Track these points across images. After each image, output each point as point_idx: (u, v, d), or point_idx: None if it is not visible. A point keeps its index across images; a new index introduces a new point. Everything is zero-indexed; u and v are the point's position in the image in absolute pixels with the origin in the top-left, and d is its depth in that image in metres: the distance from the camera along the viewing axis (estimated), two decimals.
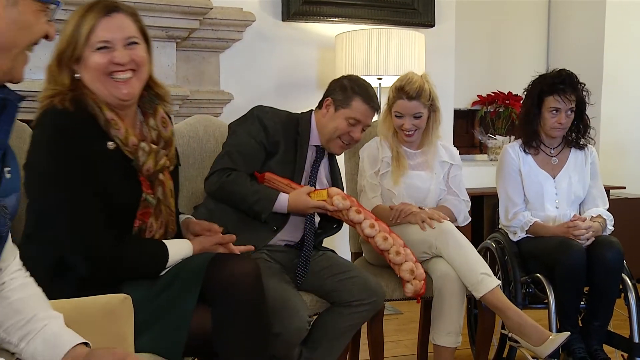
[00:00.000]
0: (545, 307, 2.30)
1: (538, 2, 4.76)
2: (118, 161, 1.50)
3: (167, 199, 1.60)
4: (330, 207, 1.99)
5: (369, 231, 2.02)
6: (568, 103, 2.41)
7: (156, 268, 1.51)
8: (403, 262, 2.03)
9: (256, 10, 3.36)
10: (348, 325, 2.02)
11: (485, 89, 4.50)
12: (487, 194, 3.82)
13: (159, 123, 1.61)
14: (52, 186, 1.43)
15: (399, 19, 3.73)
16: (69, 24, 1.49)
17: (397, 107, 2.32)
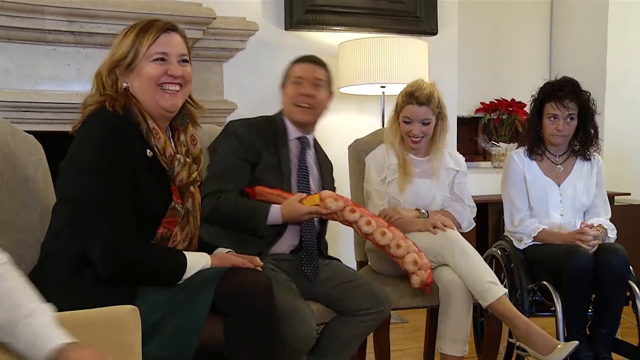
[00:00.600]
0: (552, 315, 2.29)
1: (540, 9, 4.76)
2: (153, 168, 1.55)
3: (195, 211, 1.66)
4: (324, 211, 1.97)
5: (366, 229, 1.99)
6: (565, 110, 2.41)
7: (174, 275, 1.52)
8: (405, 254, 1.99)
9: (259, 20, 3.37)
10: (355, 334, 2.01)
11: (488, 96, 4.50)
12: (491, 201, 3.82)
13: (189, 140, 1.69)
14: (95, 179, 1.46)
15: (401, 27, 3.74)
16: (127, 37, 1.57)
17: (406, 112, 2.33)
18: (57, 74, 2.84)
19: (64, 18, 2.77)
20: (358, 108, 3.72)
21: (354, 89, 3.46)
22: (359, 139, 2.66)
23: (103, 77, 1.58)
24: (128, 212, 1.47)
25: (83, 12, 2.78)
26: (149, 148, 1.55)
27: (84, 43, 2.87)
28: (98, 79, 1.59)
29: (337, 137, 3.54)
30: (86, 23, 2.80)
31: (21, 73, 2.82)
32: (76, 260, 1.48)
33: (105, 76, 1.58)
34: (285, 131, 2.16)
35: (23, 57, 2.81)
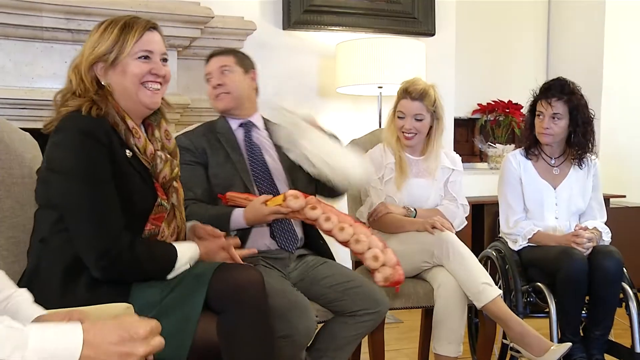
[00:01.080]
0: (546, 316, 2.30)
1: (538, 11, 4.78)
2: (135, 168, 1.55)
3: (180, 206, 1.67)
4: (284, 210, 1.90)
5: (326, 225, 1.89)
6: (549, 108, 2.41)
7: (166, 268, 1.53)
8: (365, 250, 1.89)
9: (257, 19, 3.37)
10: (353, 335, 2.01)
11: (485, 98, 4.51)
12: (487, 202, 3.83)
13: (163, 135, 1.68)
14: (76, 184, 1.45)
15: (399, 28, 3.75)
16: (109, 32, 1.56)
17: (399, 107, 2.37)
18: (55, 71, 2.84)
19: (62, 15, 2.77)
20: (355, 108, 3.73)
21: (351, 89, 3.47)
22: (356, 139, 2.66)
23: (82, 72, 1.55)
24: (116, 213, 1.47)
25: (81, 9, 2.78)
26: (128, 148, 1.55)
27: (82, 41, 2.82)
28: (76, 73, 1.56)
29: None
30: (84, 21, 2.80)
31: (18, 70, 2.81)
32: (67, 267, 1.47)
33: (85, 71, 1.55)
34: (227, 123, 2.18)
35: (20, 55, 2.80)
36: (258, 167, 2.13)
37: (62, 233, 1.49)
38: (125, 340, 0.97)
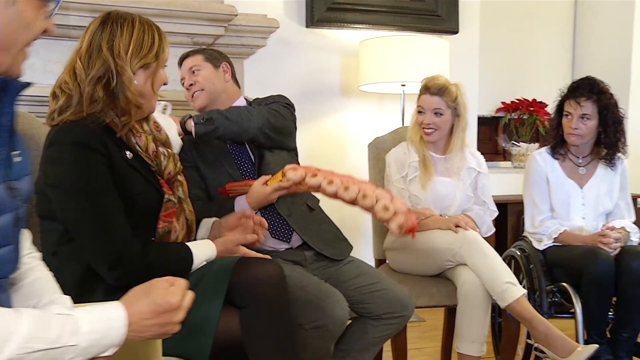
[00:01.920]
0: (571, 317, 2.28)
1: (563, 8, 4.71)
2: (137, 168, 1.54)
3: (186, 198, 1.68)
4: (285, 183, 1.86)
5: (330, 189, 1.84)
6: (578, 108, 2.38)
7: (182, 272, 1.52)
8: (374, 203, 1.84)
9: (280, 17, 3.38)
10: (377, 337, 2.00)
11: (509, 96, 4.47)
12: (510, 201, 3.79)
13: (153, 127, 1.67)
14: (76, 199, 1.44)
15: (422, 26, 3.72)
16: (150, 32, 1.56)
17: (420, 102, 2.38)
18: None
19: (88, 14, 2.80)
20: (378, 106, 3.72)
21: (374, 87, 3.46)
22: (379, 137, 2.66)
23: (124, 58, 1.50)
24: (120, 221, 1.46)
25: (107, 8, 2.79)
26: (129, 149, 1.54)
27: None
28: (94, 84, 1.50)
29: (356, 135, 3.56)
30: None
31: (46, 68, 2.85)
32: (81, 277, 1.47)
33: (127, 58, 1.51)
34: None
35: (48, 53, 2.85)
36: (241, 155, 2.12)
37: (71, 243, 1.49)
38: (160, 313, 1.05)
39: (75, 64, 1.52)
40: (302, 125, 2.28)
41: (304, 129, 3.43)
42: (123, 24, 1.53)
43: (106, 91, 1.50)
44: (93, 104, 1.49)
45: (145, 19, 1.58)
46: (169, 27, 2.78)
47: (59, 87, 1.54)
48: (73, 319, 0.96)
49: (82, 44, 1.54)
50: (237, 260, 1.52)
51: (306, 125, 3.47)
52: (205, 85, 2.15)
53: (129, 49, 1.52)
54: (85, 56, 1.52)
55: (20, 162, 1.10)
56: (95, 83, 1.49)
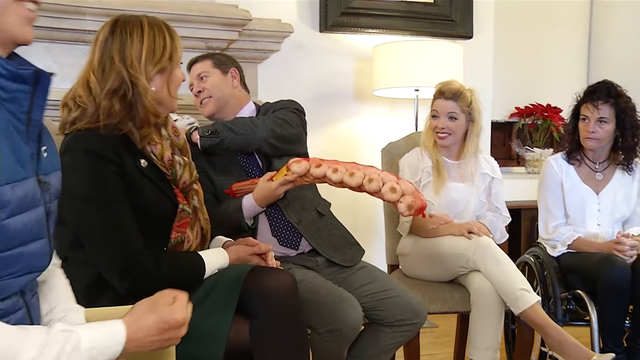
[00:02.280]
0: (586, 325, 2.26)
1: (579, 12, 4.68)
2: (151, 176, 1.53)
3: (202, 207, 1.66)
4: (291, 177, 1.88)
5: (336, 177, 1.84)
6: (596, 112, 2.37)
7: (194, 282, 1.53)
8: (381, 186, 1.83)
9: (294, 22, 3.39)
10: (389, 344, 1.99)
11: (523, 101, 4.45)
12: (524, 207, 3.77)
13: (171, 132, 1.65)
14: (88, 208, 1.44)
15: (436, 31, 3.72)
16: (161, 34, 1.53)
17: (434, 107, 2.38)
18: None
19: (104, 19, 2.81)
20: (391, 111, 3.71)
21: (388, 92, 3.45)
22: (392, 143, 2.65)
23: (137, 68, 1.48)
24: (132, 232, 1.45)
25: (122, 13, 2.83)
26: (143, 157, 1.52)
27: None
28: (129, 68, 1.48)
29: (370, 140, 3.55)
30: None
31: (63, 73, 2.88)
32: (90, 284, 1.47)
33: (141, 66, 1.49)
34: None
35: (65, 57, 2.87)
36: (250, 163, 2.13)
37: (82, 250, 1.49)
38: (166, 330, 1.07)
39: (89, 78, 1.50)
40: (315, 130, 2.30)
41: (318, 134, 3.44)
42: (132, 30, 1.51)
43: (123, 103, 1.48)
44: (110, 117, 1.47)
45: (154, 20, 1.56)
46: (183, 31, 2.79)
47: (72, 99, 1.51)
48: (75, 336, 0.98)
49: (93, 55, 1.53)
50: (249, 269, 1.52)
51: (319, 130, 3.47)
52: (214, 92, 2.16)
53: (142, 57, 1.49)
54: (98, 69, 1.50)
55: (49, 157, 1.10)
56: (112, 96, 1.47)
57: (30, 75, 0.99)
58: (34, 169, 1.03)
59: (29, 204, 1.00)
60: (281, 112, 2.11)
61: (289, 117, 2.11)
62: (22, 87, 0.99)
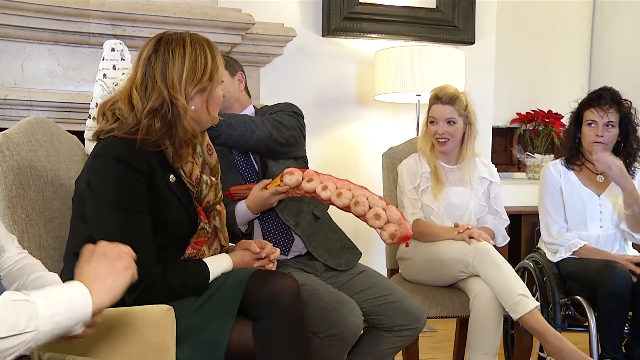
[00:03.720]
0: (585, 331, 2.26)
1: (581, 20, 4.70)
2: (177, 192, 1.54)
3: (223, 227, 1.67)
4: (282, 188, 1.88)
5: (324, 194, 1.83)
6: (605, 116, 2.38)
7: (199, 289, 1.54)
8: (367, 210, 1.80)
9: (297, 26, 3.41)
10: (389, 349, 1.99)
11: (524, 107, 4.45)
12: (524, 212, 3.78)
13: (205, 150, 1.66)
14: (109, 214, 1.45)
15: (439, 36, 3.74)
16: (199, 55, 1.53)
17: (432, 113, 2.38)
18: None
19: (108, 22, 2.85)
20: (393, 116, 3.73)
21: (390, 97, 3.47)
22: (393, 147, 2.66)
23: (178, 89, 1.50)
24: (148, 245, 1.46)
25: (126, 16, 2.86)
26: (172, 173, 1.54)
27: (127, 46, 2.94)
28: (170, 89, 1.50)
29: (371, 145, 3.57)
30: (129, 27, 2.88)
31: (66, 75, 2.91)
32: None
33: (182, 87, 1.50)
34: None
35: (68, 59, 2.90)
36: (245, 165, 2.13)
37: None
38: (112, 262, 1.10)
39: (132, 94, 1.51)
40: (317, 134, 2.30)
41: (320, 138, 3.45)
42: (174, 50, 1.51)
43: (163, 122, 1.49)
44: (149, 134, 1.49)
45: (197, 38, 1.56)
46: None
47: (110, 111, 1.53)
48: (30, 304, 0.94)
49: (136, 73, 1.54)
50: (252, 273, 1.53)
51: (321, 134, 3.49)
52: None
53: (183, 77, 1.50)
54: (141, 87, 1.51)
55: None
56: (153, 115, 1.49)
57: None
58: None
59: None
60: (278, 115, 2.11)
61: (285, 119, 2.11)
62: None
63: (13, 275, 1.26)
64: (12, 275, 1.26)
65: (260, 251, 1.68)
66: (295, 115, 2.16)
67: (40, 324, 0.94)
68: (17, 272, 1.26)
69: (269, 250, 1.70)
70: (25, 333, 0.92)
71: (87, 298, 1.01)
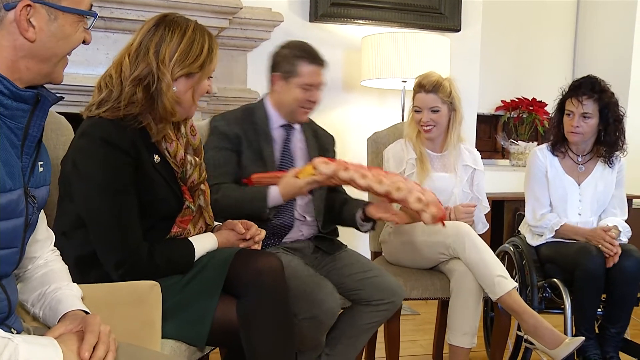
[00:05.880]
0: (561, 313, 2.32)
1: (566, 8, 4.74)
2: (162, 172, 1.57)
3: (207, 206, 1.70)
4: (319, 177, 1.92)
5: (362, 182, 1.90)
6: (580, 106, 2.41)
7: (184, 267, 1.57)
8: (407, 194, 1.90)
9: (284, 11, 3.41)
10: (367, 324, 2.05)
11: (509, 95, 4.50)
12: (507, 198, 3.83)
13: (189, 131, 1.69)
14: (97, 194, 1.48)
15: (425, 23, 3.76)
16: (201, 39, 1.56)
17: (416, 102, 2.40)
18: (87, 58, 2.92)
19: (95, 3, 2.82)
20: (379, 102, 3.76)
21: (376, 83, 3.50)
22: (378, 132, 2.70)
23: (167, 65, 1.51)
24: (134, 224, 1.49)
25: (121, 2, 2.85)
26: (157, 153, 1.56)
27: (114, 28, 2.94)
28: (160, 62, 1.51)
29: (357, 130, 3.59)
30: (116, 9, 2.87)
31: None
32: (79, 260, 1.51)
33: (171, 65, 1.52)
34: (267, 119, 2.16)
35: None
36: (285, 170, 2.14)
37: (82, 229, 1.53)
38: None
39: (123, 61, 1.54)
40: None
41: None
42: (175, 29, 1.54)
43: (145, 94, 1.51)
44: (131, 106, 1.50)
45: (201, 27, 1.58)
46: None
47: (104, 80, 1.56)
48: (14, 345, 0.96)
49: (133, 41, 1.56)
50: (236, 252, 1.57)
51: None
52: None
53: (174, 56, 1.52)
54: (133, 55, 1.53)
55: (43, 173, 1.18)
56: (137, 84, 1.51)
57: (30, 96, 1.08)
58: (23, 181, 1.09)
59: (10, 214, 1.06)
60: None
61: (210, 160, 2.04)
62: (21, 105, 1.07)
63: (37, 281, 1.27)
64: (36, 282, 1.27)
65: (246, 232, 1.71)
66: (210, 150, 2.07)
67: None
68: (41, 279, 1.28)
69: (253, 232, 1.73)
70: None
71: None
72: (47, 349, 1.02)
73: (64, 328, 1.12)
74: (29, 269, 1.29)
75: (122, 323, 1.34)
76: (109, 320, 1.22)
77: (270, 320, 1.53)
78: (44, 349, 1.01)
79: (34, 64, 1.08)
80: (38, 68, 1.09)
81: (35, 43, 1.06)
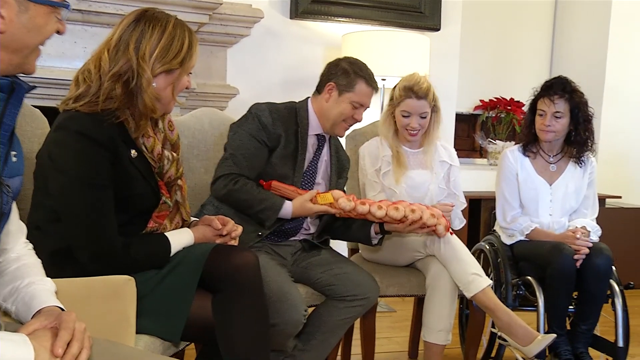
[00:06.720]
0: (534, 310, 2.36)
1: (544, 10, 4.80)
2: (139, 166, 1.56)
3: (184, 202, 1.69)
4: (333, 211, 2.03)
5: (379, 213, 2.04)
6: (552, 106, 2.44)
7: (160, 262, 1.57)
8: (421, 214, 2.06)
9: (265, 7, 3.41)
10: (342, 319, 2.07)
11: (487, 94, 4.55)
12: (485, 197, 3.87)
13: (166, 126, 1.69)
14: (73, 187, 1.47)
15: (405, 22, 3.79)
16: (181, 36, 1.55)
17: (405, 107, 2.35)
18: (64, 51, 2.89)
19: None
20: None
21: None
22: (357, 130, 2.70)
23: (147, 61, 1.50)
24: (110, 219, 1.48)
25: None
26: (134, 148, 1.55)
27: (91, 22, 2.92)
28: (140, 58, 1.50)
29: None
30: (94, 2, 2.85)
31: None
32: (54, 254, 1.50)
33: (151, 61, 1.51)
34: (308, 124, 2.17)
35: None
36: (307, 178, 2.17)
37: (56, 223, 1.52)
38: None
39: (102, 55, 1.52)
40: None
41: None
42: (155, 25, 1.53)
43: (125, 90, 1.50)
44: (109, 101, 1.49)
45: (181, 23, 1.57)
46: None
47: (82, 74, 1.54)
48: None
49: (112, 36, 1.54)
50: (213, 247, 1.57)
51: None
52: None
53: (154, 53, 1.51)
54: (113, 50, 1.52)
55: (16, 163, 1.17)
56: (116, 80, 1.50)
57: (6, 84, 1.07)
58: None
59: None
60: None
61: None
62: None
63: (9, 276, 1.25)
64: (9, 276, 1.25)
65: (222, 228, 1.71)
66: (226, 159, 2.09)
67: None
68: (14, 274, 1.26)
69: (230, 228, 1.73)
70: None
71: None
72: (19, 345, 1.01)
73: (39, 324, 1.10)
74: (1, 262, 1.28)
75: (96, 317, 1.33)
76: (83, 314, 1.21)
77: (246, 316, 1.54)
78: (15, 345, 1.00)
79: (4, 54, 1.07)
80: (9, 59, 1.08)
81: (5, 34, 1.05)
